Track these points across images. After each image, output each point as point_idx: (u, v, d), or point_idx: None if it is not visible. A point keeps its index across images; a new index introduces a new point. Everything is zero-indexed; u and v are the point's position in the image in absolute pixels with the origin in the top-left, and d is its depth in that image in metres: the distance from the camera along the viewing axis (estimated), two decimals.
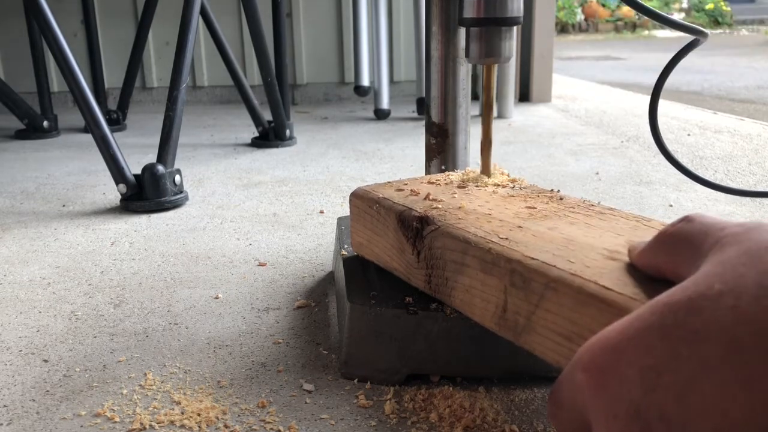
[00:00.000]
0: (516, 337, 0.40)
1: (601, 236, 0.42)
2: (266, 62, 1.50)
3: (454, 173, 0.61)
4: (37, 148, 1.64)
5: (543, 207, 0.49)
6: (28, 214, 1.05)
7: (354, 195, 0.58)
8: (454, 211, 0.50)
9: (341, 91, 2.48)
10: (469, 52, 0.58)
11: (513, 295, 0.40)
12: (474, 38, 0.57)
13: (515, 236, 0.43)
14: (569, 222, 0.45)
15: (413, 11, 2.02)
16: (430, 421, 0.47)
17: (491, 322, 0.43)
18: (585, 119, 1.89)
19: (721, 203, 1.01)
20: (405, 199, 0.53)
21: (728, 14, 9.54)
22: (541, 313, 0.38)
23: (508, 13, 0.56)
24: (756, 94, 2.89)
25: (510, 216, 0.48)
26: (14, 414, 0.49)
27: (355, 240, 0.60)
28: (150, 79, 2.41)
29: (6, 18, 2.26)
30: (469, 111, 0.70)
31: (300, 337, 0.61)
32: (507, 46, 0.57)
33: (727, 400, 0.19)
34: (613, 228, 0.43)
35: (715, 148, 1.43)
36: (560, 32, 8.75)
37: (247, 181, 1.24)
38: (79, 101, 1.04)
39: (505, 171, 0.60)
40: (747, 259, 0.22)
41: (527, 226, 0.45)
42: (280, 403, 0.50)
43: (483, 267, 0.43)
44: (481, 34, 0.57)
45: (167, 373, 0.54)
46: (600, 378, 0.23)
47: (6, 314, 0.67)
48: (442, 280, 0.48)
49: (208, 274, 0.77)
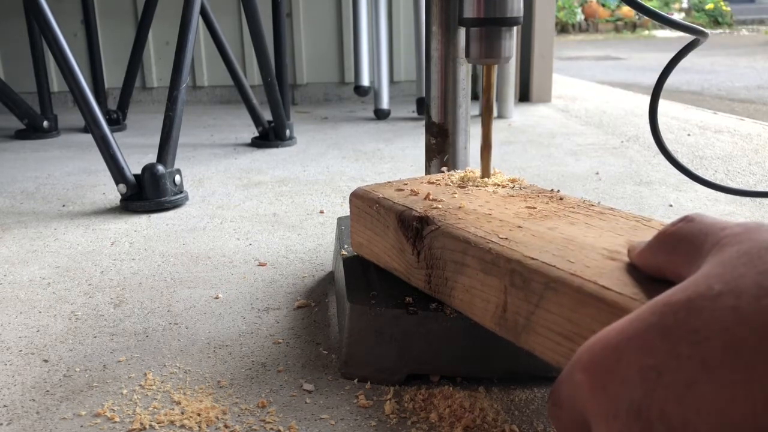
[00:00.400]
0: (516, 337, 0.40)
1: (600, 236, 0.42)
2: (266, 62, 1.50)
3: (454, 173, 0.61)
4: (37, 148, 1.64)
5: (543, 207, 0.49)
6: (28, 214, 1.05)
7: (354, 195, 0.58)
8: (454, 211, 0.49)
9: (341, 91, 2.48)
10: (469, 52, 0.58)
11: (513, 295, 0.40)
12: (474, 38, 0.57)
13: (515, 236, 0.43)
14: (569, 222, 0.45)
15: (413, 11, 2.02)
16: (430, 421, 0.47)
17: (491, 322, 0.43)
18: (585, 119, 1.89)
19: (721, 203, 1.01)
20: (405, 199, 0.53)
21: (728, 14, 9.54)
22: (541, 312, 0.38)
23: (508, 13, 0.56)
24: (756, 94, 2.89)
25: (510, 216, 0.48)
26: (14, 414, 0.49)
27: (355, 240, 0.60)
28: (150, 79, 2.41)
29: (6, 18, 2.26)
30: (469, 111, 0.70)
31: (300, 337, 0.61)
32: (507, 47, 0.57)
33: (728, 400, 0.19)
34: (613, 228, 0.43)
35: (715, 148, 1.43)
36: (560, 32, 8.75)
37: (247, 181, 1.24)
38: (79, 101, 1.04)
39: (504, 175, 0.60)
40: (747, 259, 0.22)
41: (527, 226, 0.45)
42: (280, 403, 0.50)
43: (483, 267, 0.42)
44: (482, 34, 0.57)
45: (167, 373, 0.54)
46: (600, 378, 0.23)
47: (6, 314, 0.67)
48: (441, 280, 0.47)
49: (208, 274, 0.77)
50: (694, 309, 0.21)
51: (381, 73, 1.95)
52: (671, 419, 0.20)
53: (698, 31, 0.73)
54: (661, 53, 5.35)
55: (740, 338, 0.20)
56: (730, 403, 0.19)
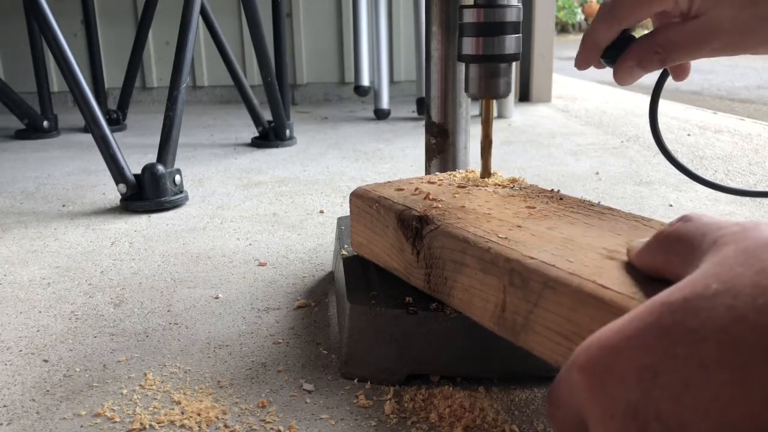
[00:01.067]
0: (515, 336, 0.40)
1: (600, 236, 0.42)
2: (266, 62, 1.50)
3: (455, 173, 0.61)
4: (37, 148, 1.64)
5: (543, 207, 0.49)
6: (28, 214, 1.05)
7: (354, 194, 0.58)
8: (454, 210, 0.49)
9: (341, 91, 2.48)
10: (468, 87, 0.59)
11: (512, 295, 0.40)
12: (473, 74, 0.58)
13: (514, 236, 0.43)
14: (569, 222, 0.45)
15: (413, 11, 2.02)
16: (430, 421, 0.47)
17: (490, 322, 0.43)
18: (585, 119, 1.89)
19: (721, 203, 1.01)
20: (405, 199, 0.53)
21: None
22: (539, 312, 0.38)
23: (506, 51, 0.56)
24: (756, 94, 2.89)
25: (510, 216, 0.48)
26: (14, 414, 0.49)
27: (355, 239, 0.60)
28: (150, 79, 2.41)
29: (6, 18, 2.26)
30: (469, 111, 0.70)
31: (300, 337, 0.61)
32: (505, 83, 0.58)
33: (725, 400, 0.19)
34: (613, 228, 0.43)
35: (715, 148, 1.43)
36: (560, 32, 8.75)
37: (247, 181, 1.24)
38: (79, 101, 1.04)
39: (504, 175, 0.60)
40: (744, 258, 0.22)
41: (527, 226, 0.45)
42: (280, 403, 0.50)
43: (482, 266, 0.42)
44: (480, 71, 0.57)
45: (167, 373, 0.54)
46: (597, 378, 0.23)
47: (6, 314, 0.67)
48: (441, 280, 0.48)
49: (208, 274, 0.77)
50: (691, 309, 0.21)
51: (381, 73, 1.95)
52: (668, 420, 0.20)
53: None
54: None
55: (737, 338, 0.20)
56: (727, 403, 0.19)
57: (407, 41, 2.39)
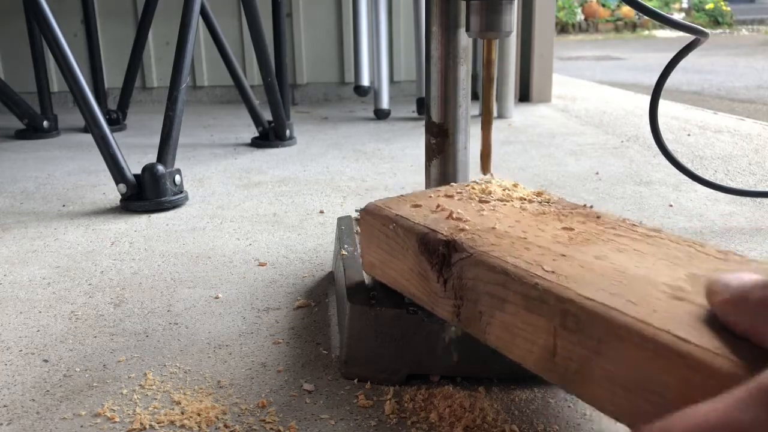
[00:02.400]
0: (565, 384, 0.36)
1: (654, 266, 0.38)
2: (266, 62, 1.50)
3: (473, 184, 0.57)
4: (37, 148, 1.64)
5: (581, 228, 0.45)
6: (28, 214, 1.05)
7: (366, 211, 0.53)
8: (484, 234, 0.45)
9: (341, 91, 2.48)
10: (470, 26, 0.57)
11: (564, 339, 0.36)
12: (474, 12, 0.56)
13: (561, 268, 0.38)
14: (616, 248, 0.41)
15: (413, 11, 2.02)
16: (430, 421, 0.47)
17: (536, 366, 0.38)
18: (585, 119, 1.89)
19: (721, 203, 1.01)
20: (425, 219, 0.48)
21: (728, 14, 9.54)
22: (600, 361, 0.34)
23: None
24: (756, 94, 2.89)
25: (548, 240, 0.43)
26: (14, 414, 0.49)
27: (367, 260, 0.55)
28: (150, 79, 2.41)
29: (6, 18, 2.26)
30: (469, 111, 0.69)
31: (300, 337, 0.61)
32: (507, 21, 0.56)
33: None
34: (666, 255, 0.39)
35: (715, 148, 1.43)
36: (560, 32, 8.75)
37: (247, 181, 1.24)
38: (79, 101, 1.04)
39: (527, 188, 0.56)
40: None
41: (571, 254, 0.40)
42: (280, 403, 0.50)
43: (527, 304, 0.38)
44: (482, 7, 0.56)
45: (167, 373, 0.54)
46: None
47: (6, 314, 0.67)
48: (474, 314, 0.43)
49: (208, 274, 0.77)
50: None
51: (381, 73, 1.95)
52: None
53: (698, 30, 0.73)
54: (661, 53, 5.34)
55: None
56: None
57: (407, 41, 2.39)
